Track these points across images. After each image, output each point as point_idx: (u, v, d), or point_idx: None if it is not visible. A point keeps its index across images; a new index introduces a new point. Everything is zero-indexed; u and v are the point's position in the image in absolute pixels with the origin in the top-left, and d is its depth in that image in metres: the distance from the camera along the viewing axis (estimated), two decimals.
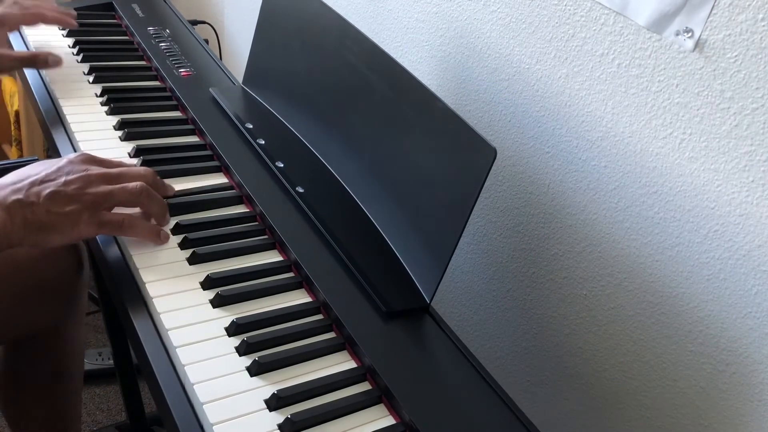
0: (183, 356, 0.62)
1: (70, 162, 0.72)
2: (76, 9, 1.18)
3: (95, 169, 0.72)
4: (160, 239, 0.73)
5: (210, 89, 0.99)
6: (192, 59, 1.06)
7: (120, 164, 0.76)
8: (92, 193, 0.70)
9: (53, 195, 0.68)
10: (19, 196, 0.67)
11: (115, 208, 0.72)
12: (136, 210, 0.74)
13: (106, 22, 1.15)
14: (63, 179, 0.70)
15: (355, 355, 0.66)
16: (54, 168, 0.71)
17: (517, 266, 0.97)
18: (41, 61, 0.93)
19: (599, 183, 0.82)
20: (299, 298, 0.71)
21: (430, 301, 0.71)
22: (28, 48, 1.05)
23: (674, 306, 0.77)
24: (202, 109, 0.95)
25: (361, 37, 0.84)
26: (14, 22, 0.97)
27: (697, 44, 0.68)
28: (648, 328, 0.80)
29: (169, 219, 0.76)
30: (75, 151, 0.86)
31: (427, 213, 0.74)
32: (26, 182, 0.69)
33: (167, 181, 0.82)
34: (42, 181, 0.69)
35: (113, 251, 0.74)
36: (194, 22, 1.23)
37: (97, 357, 1.59)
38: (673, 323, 0.77)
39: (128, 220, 0.72)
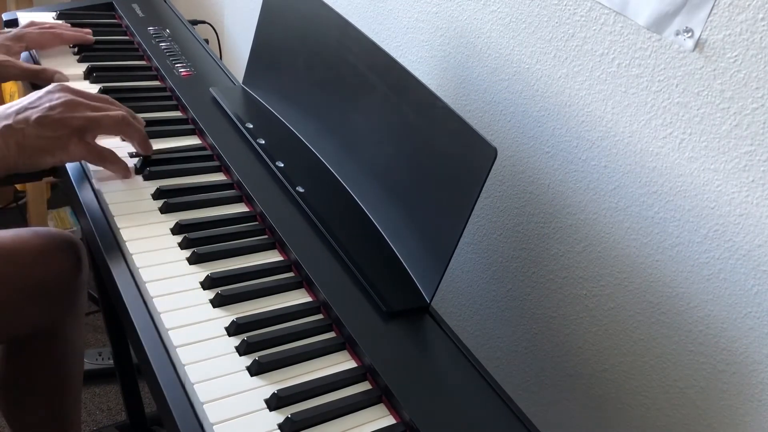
0: (183, 356, 0.62)
1: (49, 92, 0.76)
2: (76, 9, 1.18)
3: (77, 97, 0.77)
4: (128, 174, 0.80)
5: (210, 89, 0.99)
6: (192, 59, 1.06)
7: (98, 96, 0.80)
8: (78, 117, 0.75)
9: (41, 120, 0.73)
10: (8, 122, 0.72)
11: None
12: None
13: (106, 22, 1.15)
14: (47, 105, 0.74)
15: (355, 354, 0.66)
16: (35, 96, 0.76)
17: (517, 266, 0.97)
18: (47, 76, 0.96)
19: (599, 183, 0.82)
20: (299, 298, 0.71)
21: (430, 301, 0.71)
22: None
23: (674, 306, 0.77)
24: (202, 109, 0.95)
25: (361, 37, 0.84)
26: (33, 42, 1.00)
27: (697, 44, 0.68)
28: (648, 328, 0.80)
29: (150, 145, 0.82)
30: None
31: (427, 213, 0.74)
32: (11, 110, 0.74)
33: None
34: (26, 108, 0.74)
35: (113, 251, 0.74)
36: (194, 22, 1.23)
37: (97, 357, 1.59)
38: (673, 323, 0.77)
39: (110, 152, 0.78)
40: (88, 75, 1.00)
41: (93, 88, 0.97)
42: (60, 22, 1.09)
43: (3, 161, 0.72)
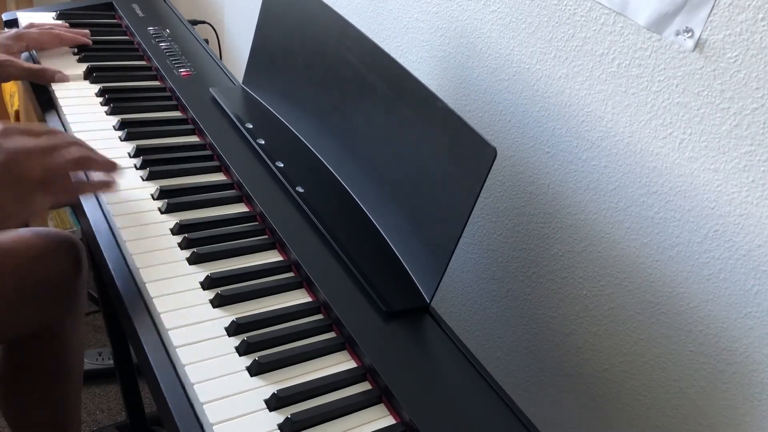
0: (183, 356, 0.62)
1: None
2: (76, 9, 1.18)
3: (27, 143, 0.66)
4: (112, 188, 0.73)
5: (210, 89, 0.99)
6: (192, 59, 1.06)
7: (42, 130, 0.70)
8: (36, 171, 0.65)
9: None
10: None
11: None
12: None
13: (106, 22, 1.15)
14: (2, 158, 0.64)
15: (355, 355, 0.66)
16: None
17: (517, 266, 0.97)
18: (48, 76, 0.95)
19: (599, 183, 0.82)
20: (299, 298, 0.71)
21: (430, 301, 0.71)
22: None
23: (674, 306, 0.77)
24: (202, 109, 0.95)
25: (361, 37, 0.84)
26: (33, 42, 0.99)
27: (697, 44, 0.68)
28: (648, 328, 0.80)
29: (117, 166, 0.73)
30: None
31: (427, 213, 0.74)
32: None
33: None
34: None
35: (113, 251, 0.74)
36: (194, 22, 1.23)
37: (97, 357, 1.59)
38: (673, 323, 0.77)
39: (76, 185, 0.70)
40: (88, 75, 1.00)
41: (93, 88, 0.97)
42: (59, 22, 1.09)
43: None
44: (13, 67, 0.93)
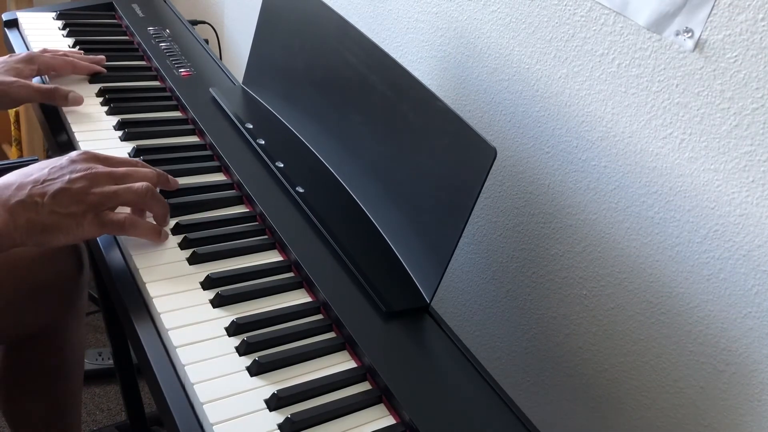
0: (183, 356, 0.62)
1: (72, 161, 0.70)
2: (76, 9, 1.18)
3: (100, 168, 0.71)
4: (160, 238, 0.73)
5: (210, 89, 0.99)
6: (192, 59, 1.06)
7: (124, 161, 0.75)
8: (97, 193, 0.69)
9: (57, 195, 0.67)
10: (23, 197, 0.66)
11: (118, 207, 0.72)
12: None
13: (106, 22, 1.15)
14: (67, 177, 0.68)
15: (355, 355, 0.66)
16: (57, 166, 0.70)
17: (517, 266, 0.97)
18: (61, 97, 0.91)
19: (599, 183, 0.82)
20: (299, 298, 0.71)
21: (430, 301, 0.71)
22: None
23: (674, 306, 0.77)
24: (202, 109, 0.95)
25: (361, 37, 0.84)
26: (45, 66, 0.95)
27: (697, 44, 0.68)
28: (648, 328, 0.80)
29: (169, 220, 0.76)
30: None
31: (427, 213, 0.74)
32: (29, 181, 0.67)
33: None
34: (45, 180, 0.68)
35: (113, 252, 0.74)
36: (194, 22, 1.23)
37: (97, 357, 1.59)
38: (673, 323, 0.77)
39: (130, 220, 0.71)
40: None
41: (93, 89, 0.97)
42: (74, 50, 1.04)
43: (9, 239, 0.66)
44: (25, 89, 0.89)
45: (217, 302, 0.68)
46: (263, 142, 0.89)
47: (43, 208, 0.66)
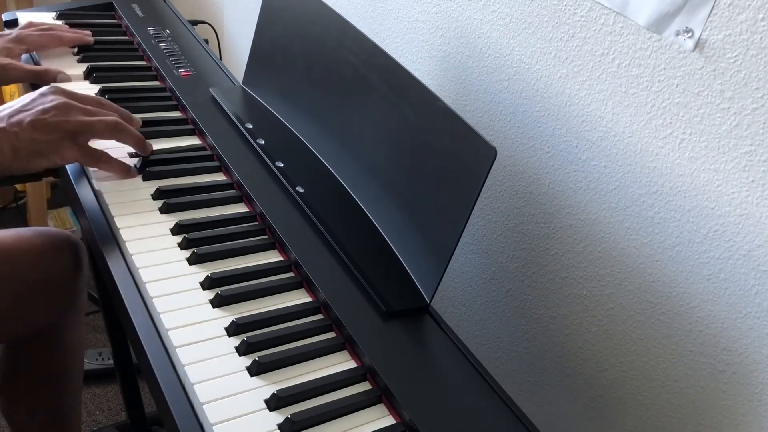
0: (183, 356, 0.62)
1: (42, 94, 0.77)
2: (76, 9, 1.18)
3: (70, 101, 0.77)
4: (129, 174, 0.80)
5: (210, 89, 0.99)
6: (192, 59, 1.06)
7: (90, 98, 0.81)
8: (72, 121, 0.75)
9: (34, 123, 0.73)
10: (2, 125, 0.73)
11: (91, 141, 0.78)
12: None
13: (106, 22, 1.15)
14: (40, 108, 0.75)
15: (355, 355, 0.66)
16: (29, 99, 0.76)
17: (517, 266, 0.97)
18: (50, 77, 0.95)
19: (599, 183, 0.82)
20: (299, 298, 0.71)
21: (430, 301, 0.71)
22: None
23: (674, 306, 0.77)
24: (202, 109, 0.95)
25: (361, 37, 0.84)
26: (34, 44, 1.00)
27: (697, 44, 0.68)
28: (648, 328, 0.80)
29: (148, 147, 0.82)
30: None
31: (427, 213, 0.74)
32: (4, 113, 0.74)
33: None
34: (20, 111, 0.75)
35: (113, 251, 0.74)
36: (194, 22, 1.23)
37: (97, 357, 1.59)
38: (673, 323, 0.77)
39: (105, 155, 0.79)
40: (88, 75, 1.00)
41: (93, 89, 0.97)
42: (59, 23, 1.09)
43: None
44: (15, 70, 0.94)
45: (217, 302, 0.68)
46: (263, 142, 0.89)
47: (23, 135, 0.73)
